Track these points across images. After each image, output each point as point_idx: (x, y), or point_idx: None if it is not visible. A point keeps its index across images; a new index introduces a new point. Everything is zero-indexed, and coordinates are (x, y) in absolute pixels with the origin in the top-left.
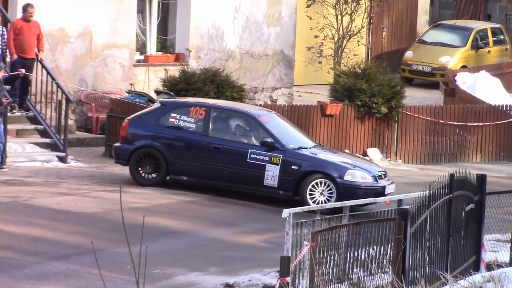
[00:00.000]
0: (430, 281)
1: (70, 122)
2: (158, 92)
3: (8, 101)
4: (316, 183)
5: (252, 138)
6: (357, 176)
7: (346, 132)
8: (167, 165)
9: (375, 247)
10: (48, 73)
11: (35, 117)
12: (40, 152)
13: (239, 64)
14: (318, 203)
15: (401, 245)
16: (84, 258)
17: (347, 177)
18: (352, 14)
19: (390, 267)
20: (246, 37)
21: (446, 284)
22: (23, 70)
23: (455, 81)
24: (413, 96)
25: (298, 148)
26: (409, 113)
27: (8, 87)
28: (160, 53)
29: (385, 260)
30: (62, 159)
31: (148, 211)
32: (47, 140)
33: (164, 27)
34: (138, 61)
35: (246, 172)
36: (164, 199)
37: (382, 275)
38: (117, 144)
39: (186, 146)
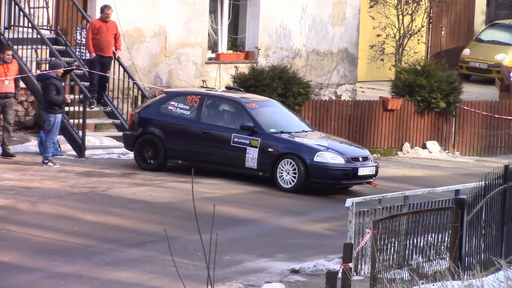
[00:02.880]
0: (485, 267)
1: None
2: (229, 88)
3: (71, 98)
4: (287, 163)
5: (237, 123)
6: (327, 157)
7: (406, 125)
8: (165, 150)
9: (433, 235)
10: (125, 70)
11: (112, 112)
12: (117, 145)
13: (305, 62)
14: (286, 182)
15: (458, 232)
16: (158, 245)
17: (317, 158)
18: (413, 14)
19: (447, 254)
20: (312, 36)
21: (500, 270)
22: (76, 63)
23: (510, 77)
24: (470, 92)
25: (278, 133)
26: (466, 108)
27: (87, 83)
28: (231, 51)
29: (442, 247)
30: None
31: (218, 201)
32: None
33: (234, 26)
34: (210, 59)
35: (230, 154)
36: (234, 189)
37: (440, 261)
38: (126, 131)
39: (181, 131)
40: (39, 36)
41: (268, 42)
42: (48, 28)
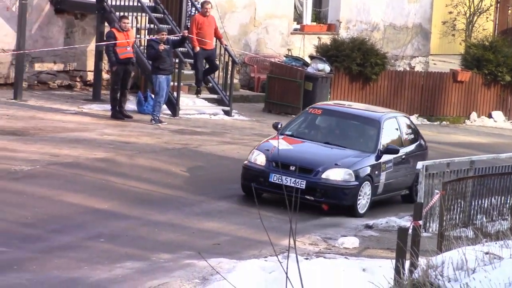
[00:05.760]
0: None
1: (235, 81)
2: (312, 57)
3: (164, 47)
4: None
5: None
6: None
7: (474, 96)
8: None
9: (496, 197)
10: (218, 39)
11: None
12: (208, 106)
13: (382, 35)
14: None
15: None
16: (245, 198)
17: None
18: None
19: (509, 215)
20: (389, 11)
21: None
22: (186, 32)
23: None
24: None
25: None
26: None
27: (191, 60)
28: (315, 23)
29: (505, 209)
30: (227, 113)
31: None
32: (215, 96)
33: (319, 0)
34: (295, 29)
35: None
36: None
37: (502, 221)
38: None
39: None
40: (139, 4)
41: (349, 15)
42: None
